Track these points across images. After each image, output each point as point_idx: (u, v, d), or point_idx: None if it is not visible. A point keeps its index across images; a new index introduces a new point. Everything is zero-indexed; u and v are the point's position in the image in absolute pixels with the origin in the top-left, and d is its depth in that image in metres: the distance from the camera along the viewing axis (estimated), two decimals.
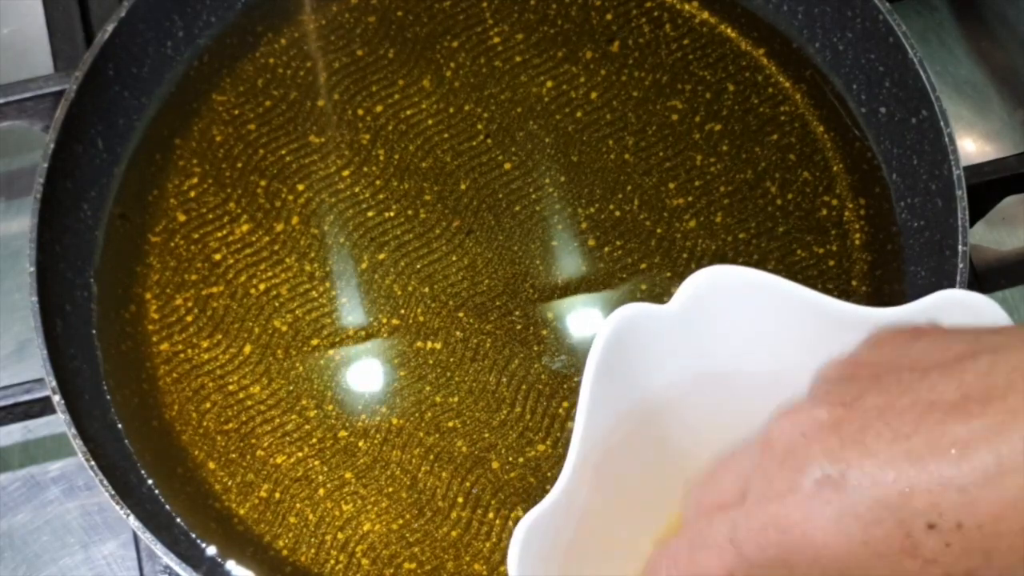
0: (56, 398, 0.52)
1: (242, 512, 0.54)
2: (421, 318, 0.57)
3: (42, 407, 0.57)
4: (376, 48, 0.62)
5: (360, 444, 0.55)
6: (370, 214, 0.59)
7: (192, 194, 0.59)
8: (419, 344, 0.57)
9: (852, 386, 0.35)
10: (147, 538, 0.50)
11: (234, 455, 0.55)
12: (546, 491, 0.54)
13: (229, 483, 0.55)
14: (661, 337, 0.41)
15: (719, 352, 0.42)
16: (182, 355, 0.57)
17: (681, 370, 0.42)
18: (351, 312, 0.57)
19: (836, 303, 0.40)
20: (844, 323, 0.40)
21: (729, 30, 0.62)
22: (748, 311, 0.41)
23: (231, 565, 0.53)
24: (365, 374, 0.56)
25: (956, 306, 0.39)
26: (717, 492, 0.37)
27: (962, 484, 0.30)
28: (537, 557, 0.38)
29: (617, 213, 0.59)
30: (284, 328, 0.57)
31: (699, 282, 0.41)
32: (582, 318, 0.57)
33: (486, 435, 0.55)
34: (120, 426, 0.55)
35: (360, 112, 0.61)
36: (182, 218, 0.59)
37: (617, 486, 0.41)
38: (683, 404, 0.42)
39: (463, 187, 0.59)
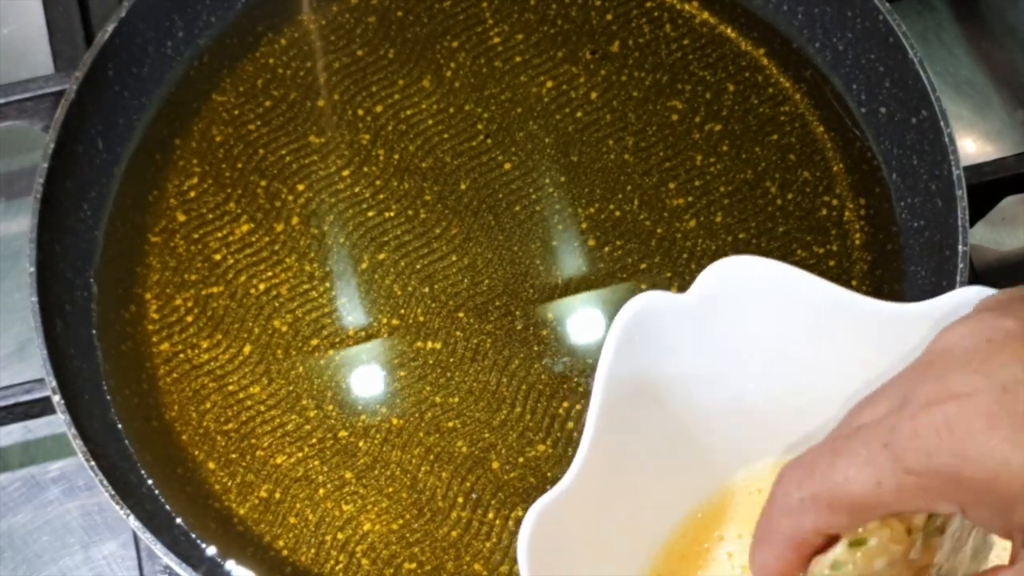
0: (56, 398, 0.52)
1: (242, 512, 0.54)
2: (421, 318, 0.57)
3: (42, 407, 0.57)
4: (376, 48, 0.62)
5: (360, 444, 0.55)
6: (370, 214, 0.59)
7: (192, 194, 0.59)
8: (419, 344, 0.57)
9: None
10: (147, 538, 0.50)
11: (234, 455, 0.55)
12: (546, 491, 0.54)
13: (229, 483, 0.55)
14: (678, 326, 0.41)
15: (736, 342, 0.41)
16: (182, 355, 0.57)
17: (697, 360, 0.41)
18: (351, 312, 0.57)
19: (857, 298, 0.40)
20: (865, 318, 0.39)
21: (729, 30, 0.62)
22: (767, 302, 0.40)
23: (231, 565, 0.53)
24: (365, 374, 0.56)
25: None
26: (869, 409, 0.32)
27: None
28: (547, 543, 0.38)
29: (617, 213, 0.59)
30: (284, 328, 0.57)
31: (718, 272, 0.40)
32: (582, 318, 0.57)
33: (486, 435, 0.55)
34: (120, 426, 0.55)
35: (360, 112, 0.61)
36: (182, 218, 0.59)
37: (630, 477, 0.41)
38: (699, 395, 0.42)
39: (463, 187, 0.59)
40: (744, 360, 0.42)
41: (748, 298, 0.40)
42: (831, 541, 0.32)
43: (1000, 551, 0.35)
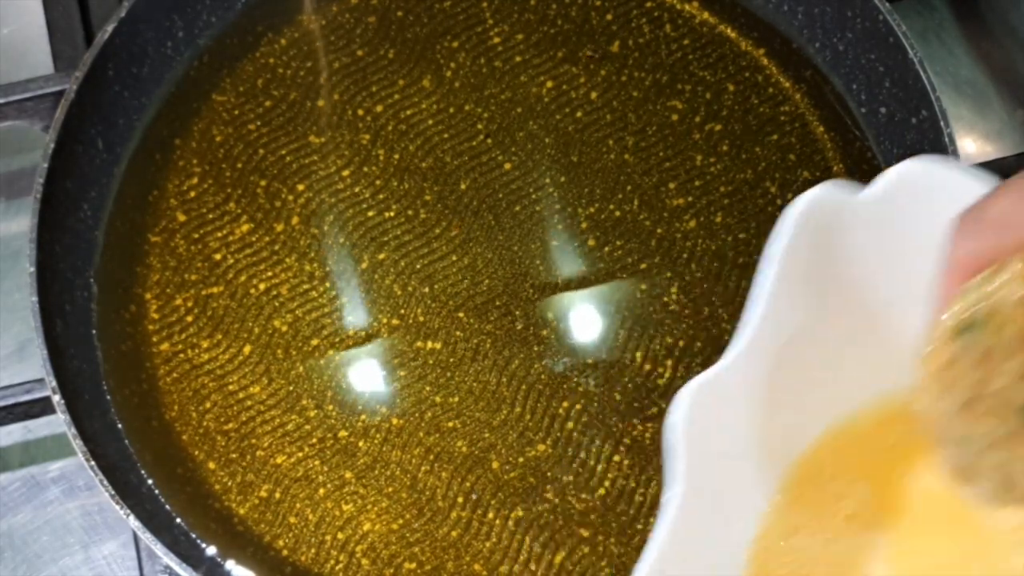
0: (56, 398, 0.52)
1: (242, 512, 0.54)
2: (421, 318, 0.57)
3: (42, 407, 0.57)
4: (376, 48, 0.62)
5: (360, 444, 0.55)
6: (370, 214, 0.59)
7: (192, 194, 0.59)
8: (419, 344, 0.57)
9: None
10: (147, 538, 0.50)
11: (234, 455, 0.55)
12: (546, 490, 0.54)
13: (229, 483, 0.55)
14: (855, 222, 0.40)
15: (914, 241, 0.40)
16: (182, 355, 0.57)
17: (879, 257, 0.41)
18: (351, 312, 0.57)
19: None
20: None
21: (729, 30, 0.62)
22: (946, 205, 0.40)
23: (231, 565, 0.53)
24: (365, 374, 0.56)
25: None
26: None
27: None
28: (701, 421, 0.38)
29: (617, 213, 0.59)
30: (284, 328, 0.57)
31: (901, 172, 0.40)
32: (582, 318, 0.57)
33: (486, 435, 0.55)
34: (120, 426, 0.55)
35: (360, 112, 0.61)
36: (182, 218, 0.59)
37: (795, 362, 0.40)
38: (882, 292, 0.41)
39: (463, 187, 0.59)
40: (920, 254, 0.40)
41: (935, 202, 0.39)
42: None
43: None
